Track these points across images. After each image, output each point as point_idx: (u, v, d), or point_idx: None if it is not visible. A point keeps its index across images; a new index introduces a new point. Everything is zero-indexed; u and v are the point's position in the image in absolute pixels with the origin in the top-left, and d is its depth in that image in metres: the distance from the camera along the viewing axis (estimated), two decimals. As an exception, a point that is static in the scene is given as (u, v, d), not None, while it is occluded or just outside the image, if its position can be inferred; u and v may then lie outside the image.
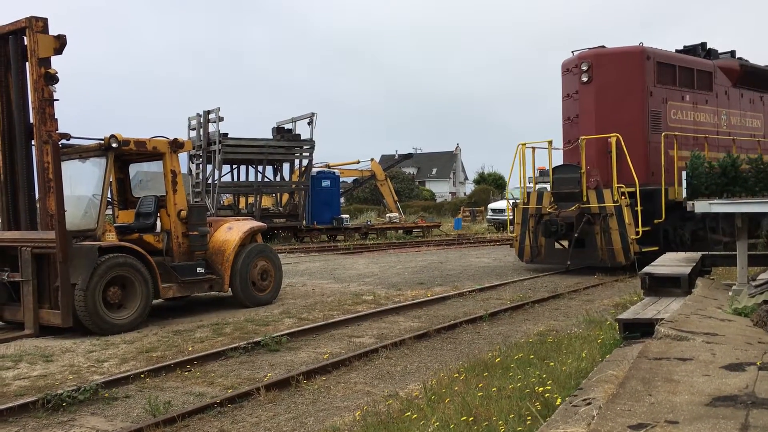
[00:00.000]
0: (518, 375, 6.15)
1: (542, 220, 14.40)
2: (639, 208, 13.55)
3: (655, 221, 13.90)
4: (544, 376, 5.95)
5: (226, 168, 27.87)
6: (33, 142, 9.82)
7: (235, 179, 28.96)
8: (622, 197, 13.66)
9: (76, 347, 8.50)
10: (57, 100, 9.69)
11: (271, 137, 28.00)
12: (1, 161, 10.02)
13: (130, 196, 11.87)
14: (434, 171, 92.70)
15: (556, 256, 14.77)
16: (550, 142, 15.22)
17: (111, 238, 9.94)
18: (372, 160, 37.31)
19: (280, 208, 29.81)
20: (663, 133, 14.35)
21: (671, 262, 9.21)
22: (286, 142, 27.76)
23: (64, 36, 9.78)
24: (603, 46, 15.00)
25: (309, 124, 27.99)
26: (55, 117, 9.66)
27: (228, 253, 11.06)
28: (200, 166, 26.45)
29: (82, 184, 10.61)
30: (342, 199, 38.31)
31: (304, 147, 28.11)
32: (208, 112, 26.15)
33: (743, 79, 17.03)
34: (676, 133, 14.69)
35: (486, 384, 5.83)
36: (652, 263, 9.31)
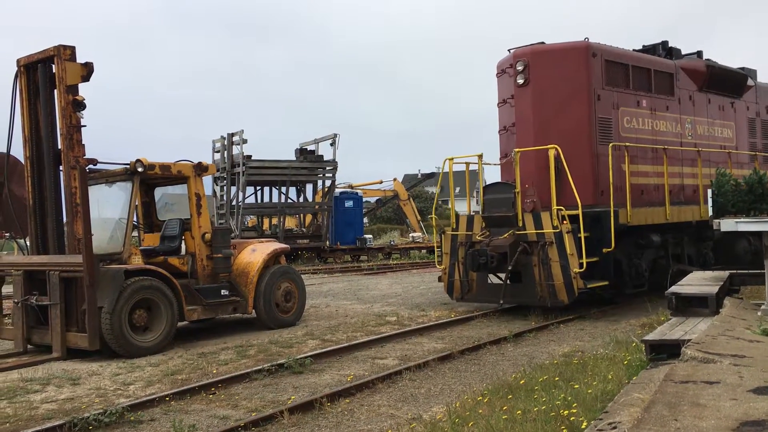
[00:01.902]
0: (543, 397, 6.09)
1: (473, 249, 11.96)
2: (583, 235, 11.06)
3: (604, 250, 11.39)
4: (570, 398, 5.89)
5: (249, 189, 28.12)
6: (61, 168, 10.00)
7: (259, 201, 29.19)
8: (564, 222, 11.20)
9: (102, 370, 8.58)
10: (84, 126, 9.89)
11: (294, 158, 28.22)
12: (30, 186, 10.21)
13: (156, 220, 12.02)
14: (457, 190, 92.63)
15: (490, 292, 12.04)
16: (480, 156, 12.81)
17: (137, 262, 10.06)
18: (395, 179, 37.38)
19: (304, 229, 29.96)
20: (611, 144, 11.91)
21: (698, 281, 9.08)
22: (309, 164, 27.95)
23: (92, 63, 9.98)
24: (543, 43, 12.70)
25: (331, 145, 28.19)
26: (83, 142, 9.84)
27: (252, 275, 11.12)
28: (224, 188, 26.72)
29: (109, 208, 10.79)
30: (365, 219, 38.38)
31: (327, 168, 28.27)
32: (232, 135, 26.46)
33: (711, 82, 14.65)
34: (629, 144, 12.38)
35: (510, 407, 5.78)
36: (679, 282, 9.18)
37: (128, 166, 10.31)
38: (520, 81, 12.36)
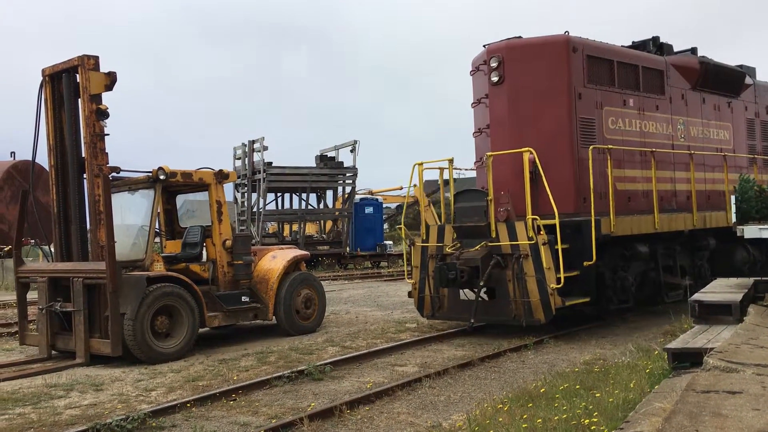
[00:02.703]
0: (564, 406, 6.05)
1: (443, 262, 10.80)
2: (560, 247, 9.98)
3: (585, 263, 10.24)
4: (591, 407, 5.85)
5: (270, 196, 28.28)
6: (85, 176, 10.13)
7: (280, 207, 29.33)
8: (541, 233, 10.09)
9: (125, 376, 8.67)
10: (107, 134, 10.01)
11: (315, 165, 28.33)
12: (54, 194, 10.36)
13: (177, 227, 12.13)
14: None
15: (462, 308, 10.84)
16: (451, 161, 11.69)
17: (159, 268, 10.16)
18: (415, 185, 37.33)
19: (324, 236, 30.04)
20: (591, 147, 10.71)
21: (722, 289, 8.96)
22: (329, 170, 28.05)
23: (115, 73, 10.12)
24: (519, 37, 11.52)
25: (351, 151, 28.27)
26: (106, 151, 9.96)
27: (272, 282, 11.18)
28: (245, 194, 26.90)
29: (131, 215, 10.92)
30: (385, 225, 38.41)
31: (347, 174, 28.35)
32: (253, 142, 26.64)
33: (705, 80, 13.59)
34: (613, 146, 11.20)
35: (531, 415, 5.75)
36: (702, 290, 9.07)
37: (151, 174, 10.42)
38: (495, 79, 11.26)
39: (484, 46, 11.75)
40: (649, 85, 12.47)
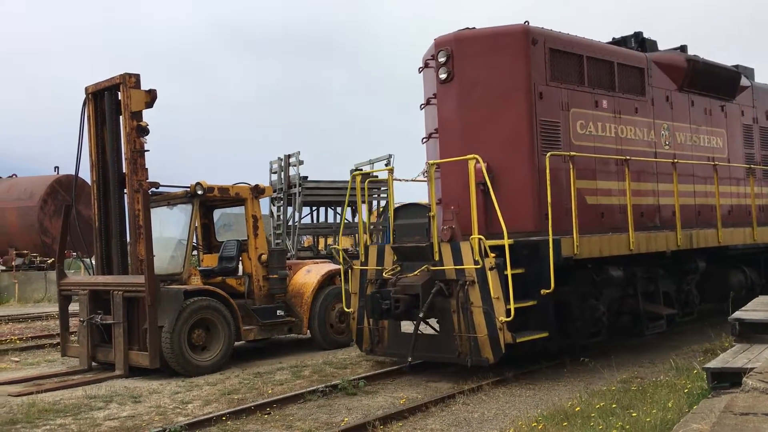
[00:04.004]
0: (600, 425, 5.98)
1: (381, 288, 9.21)
2: (510, 272, 8.29)
3: (543, 292, 8.59)
4: (627, 426, 5.77)
5: (305, 210, 28.49)
6: (125, 191, 10.36)
7: (315, 221, 29.53)
8: (490, 255, 8.42)
9: (162, 388, 8.80)
10: (148, 150, 10.24)
11: (349, 179, 28.49)
12: (96, 209, 10.61)
13: (214, 240, 12.31)
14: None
15: (404, 343, 9.15)
16: (391, 170, 10.37)
17: (196, 282, 10.33)
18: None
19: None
20: (548, 154, 9.00)
21: (764, 306, 8.77)
22: (367, 185, 28.14)
23: (155, 90, 10.36)
24: (472, 28, 9.88)
25: (386, 165, 28.34)
26: (146, 167, 10.19)
27: (307, 296, 11.26)
28: (281, 208, 27.16)
29: (170, 229, 11.13)
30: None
31: (382, 188, 28.40)
32: (289, 156, 26.92)
33: (694, 80, 11.81)
34: (576, 153, 9.51)
35: (565, 434, 5.70)
36: (743, 308, 8.87)
37: (188, 189, 10.62)
38: (443, 76, 9.70)
39: (435, 39, 10.10)
40: (626, 85, 10.82)
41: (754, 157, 13.41)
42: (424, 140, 10.38)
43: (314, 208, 29.69)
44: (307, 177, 26.79)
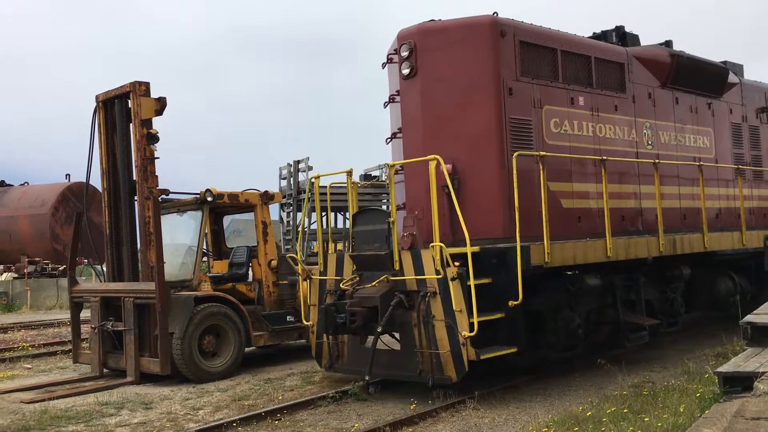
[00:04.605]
0: (611, 430, 5.96)
1: (339, 300, 8.70)
2: (473, 282, 7.71)
3: (511, 303, 7.99)
4: (639, 431, 5.75)
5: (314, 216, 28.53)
6: (136, 198, 10.42)
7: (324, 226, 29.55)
8: (453, 264, 7.79)
9: (173, 395, 8.84)
10: (158, 158, 10.30)
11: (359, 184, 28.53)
12: (107, 216, 10.67)
13: (224, 247, 12.36)
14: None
15: (366, 359, 8.35)
16: (350, 173, 9.35)
17: (206, 288, 10.37)
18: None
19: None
20: (516, 154, 8.39)
21: (776, 310, 8.70)
22: (373, 189, 28.18)
23: (165, 98, 10.41)
24: (439, 20, 9.35)
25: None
26: (156, 174, 10.25)
27: (317, 302, 11.27)
28: (291, 214, 27.22)
29: (180, 236, 11.18)
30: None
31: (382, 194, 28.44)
32: (298, 162, 26.98)
33: (678, 76, 11.23)
34: (547, 153, 8.92)
35: (576, 439, 5.68)
36: (755, 311, 8.80)
37: (198, 196, 10.67)
38: (406, 71, 9.13)
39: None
40: (605, 81, 10.23)
41: (744, 158, 12.89)
42: (388, 140, 9.78)
43: (324, 213, 29.75)
44: (316, 183, 26.82)
